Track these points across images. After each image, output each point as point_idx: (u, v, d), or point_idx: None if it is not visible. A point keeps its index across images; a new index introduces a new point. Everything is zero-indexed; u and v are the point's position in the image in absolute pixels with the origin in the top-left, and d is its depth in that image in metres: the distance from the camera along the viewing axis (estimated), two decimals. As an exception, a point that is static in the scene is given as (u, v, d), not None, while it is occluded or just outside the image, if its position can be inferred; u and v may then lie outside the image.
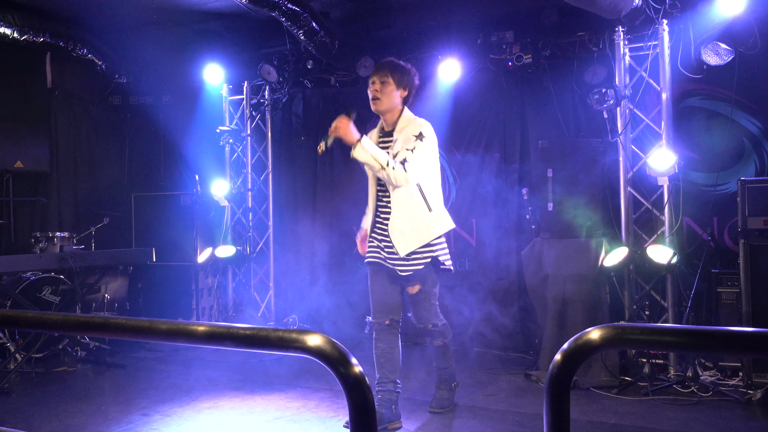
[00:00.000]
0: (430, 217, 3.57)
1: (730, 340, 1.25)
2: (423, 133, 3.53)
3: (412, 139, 3.51)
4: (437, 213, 3.62)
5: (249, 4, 5.21)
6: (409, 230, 3.54)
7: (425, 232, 3.56)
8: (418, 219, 3.55)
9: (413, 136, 3.52)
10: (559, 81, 5.53)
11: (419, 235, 3.55)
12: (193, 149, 7.09)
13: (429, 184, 3.61)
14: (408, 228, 3.54)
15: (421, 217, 3.55)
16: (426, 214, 3.57)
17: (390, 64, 3.64)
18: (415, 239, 3.54)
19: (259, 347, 1.49)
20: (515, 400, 4.27)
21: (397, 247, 3.55)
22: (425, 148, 3.53)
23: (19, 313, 2.08)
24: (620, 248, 4.79)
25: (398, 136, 3.58)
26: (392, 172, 3.41)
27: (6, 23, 5.69)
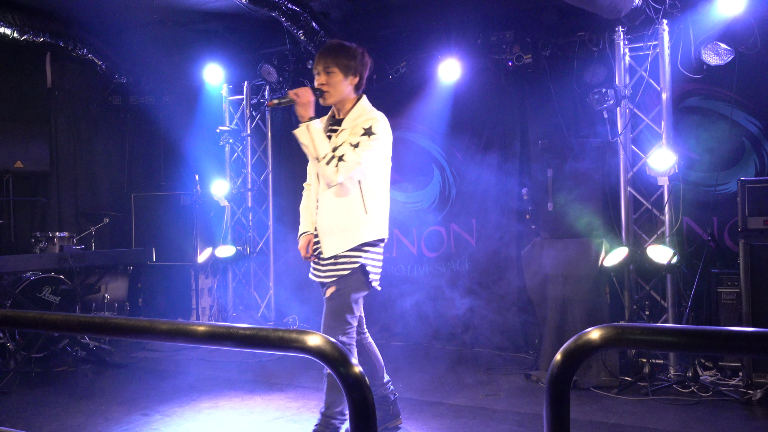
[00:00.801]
0: (363, 220, 3.16)
1: (730, 340, 1.25)
2: (373, 128, 3.12)
3: (359, 133, 3.11)
4: (373, 217, 3.19)
5: (249, 4, 5.22)
6: (338, 230, 3.16)
7: (355, 234, 3.15)
8: (349, 218, 3.15)
9: (362, 129, 3.12)
10: (559, 81, 5.53)
11: (348, 236, 3.15)
12: (193, 149, 7.09)
13: (372, 185, 3.21)
14: (337, 227, 3.15)
15: (353, 217, 3.15)
16: (360, 216, 3.16)
17: (332, 50, 3.21)
18: (343, 240, 3.15)
19: (259, 347, 1.49)
20: (515, 400, 4.27)
21: (324, 248, 3.19)
22: (372, 145, 3.12)
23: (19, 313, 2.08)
24: (620, 248, 4.79)
25: (347, 125, 3.20)
26: (324, 168, 3.07)
27: (6, 23, 5.69)
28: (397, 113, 6.39)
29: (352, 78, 3.21)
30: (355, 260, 3.16)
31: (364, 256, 3.18)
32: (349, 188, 3.17)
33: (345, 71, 3.18)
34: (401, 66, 6.06)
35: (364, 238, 3.17)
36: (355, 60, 3.21)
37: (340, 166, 3.05)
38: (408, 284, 6.25)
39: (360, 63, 3.23)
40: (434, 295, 6.13)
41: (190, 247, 6.42)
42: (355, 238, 3.15)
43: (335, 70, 3.17)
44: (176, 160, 7.44)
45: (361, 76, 3.25)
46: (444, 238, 6.18)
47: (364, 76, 3.28)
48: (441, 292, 6.12)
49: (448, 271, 6.14)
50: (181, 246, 6.64)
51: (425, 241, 6.28)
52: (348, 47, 3.23)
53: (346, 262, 3.16)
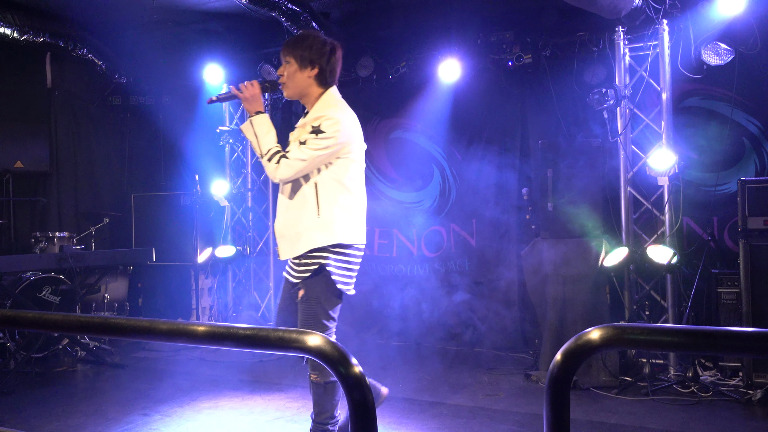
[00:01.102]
0: (315, 224, 2.95)
1: (730, 340, 1.25)
2: (322, 127, 2.89)
3: (308, 131, 2.92)
4: (327, 221, 2.95)
5: (249, 4, 5.22)
6: (292, 234, 2.99)
7: (306, 239, 2.95)
8: (300, 222, 2.97)
9: (311, 127, 2.92)
10: (559, 81, 5.53)
11: (299, 240, 2.96)
12: (193, 149, 7.08)
13: (329, 187, 2.98)
14: (293, 231, 2.99)
15: (304, 221, 2.96)
16: (311, 219, 2.95)
17: (290, 40, 3.05)
18: (297, 243, 2.97)
19: (259, 347, 1.49)
20: (515, 400, 4.27)
21: (280, 250, 3.07)
22: (321, 144, 2.89)
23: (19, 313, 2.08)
24: (620, 248, 4.79)
25: (304, 121, 3.04)
26: (265, 164, 2.93)
27: (6, 23, 5.69)
28: (397, 113, 6.40)
29: (309, 70, 3.01)
30: (315, 261, 2.96)
31: (323, 259, 2.96)
32: (305, 191, 2.99)
33: (301, 62, 3.00)
34: (401, 66, 6.06)
35: (316, 243, 2.94)
36: (311, 50, 2.99)
37: (282, 162, 2.89)
38: (408, 284, 6.25)
39: (318, 53, 3.01)
40: (434, 295, 6.13)
41: (190, 247, 6.41)
42: (308, 242, 2.96)
43: (291, 61, 3.01)
44: (176, 160, 7.44)
45: (321, 67, 3.02)
46: (444, 238, 6.18)
47: (327, 68, 3.04)
48: (441, 292, 6.12)
49: (448, 272, 6.14)
50: (181, 246, 6.64)
51: (425, 241, 6.28)
52: (306, 37, 3.06)
53: (307, 263, 2.98)
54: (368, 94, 6.48)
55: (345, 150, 2.99)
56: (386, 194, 6.50)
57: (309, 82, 3.02)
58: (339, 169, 2.99)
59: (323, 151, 2.91)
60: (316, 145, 2.89)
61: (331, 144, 2.92)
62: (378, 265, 6.42)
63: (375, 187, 6.53)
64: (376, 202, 6.42)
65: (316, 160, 2.92)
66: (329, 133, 2.90)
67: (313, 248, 2.94)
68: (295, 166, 2.89)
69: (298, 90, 3.04)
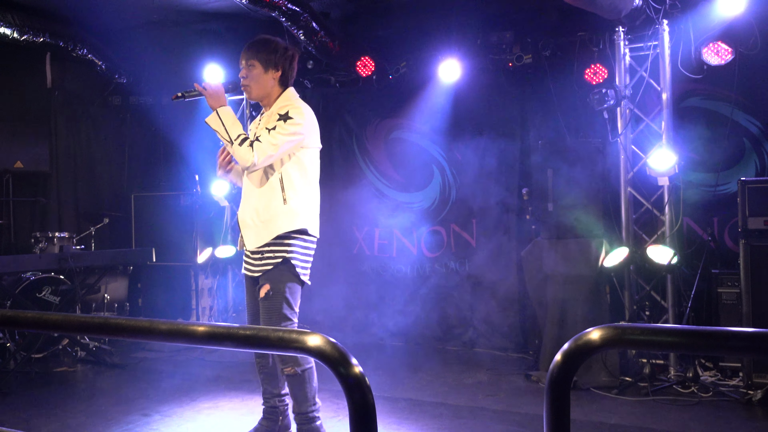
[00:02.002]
0: (281, 210, 3.09)
1: (730, 340, 1.25)
2: (290, 113, 3.05)
3: (275, 118, 3.07)
4: (292, 208, 3.10)
5: (249, 4, 5.21)
6: (260, 221, 3.11)
7: (273, 225, 3.08)
8: (267, 210, 3.09)
9: (278, 115, 3.07)
10: (559, 81, 5.53)
11: (266, 227, 3.09)
12: (193, 149, 7.08)
13: (293, 176, 3.13)
14: (258, 218, 3.11)
15: (271, 208, 3.09)
16: (278, 206, 3.09)
17: (254, 45, 3.20)
18: (264, 232, 3.09)
19: (259, 347, 1.49)
20: (515, 400, 4.27)
21: (245, 240, 3.17)
22: (289, 129, 3.03)
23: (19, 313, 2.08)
24: (620, 248, 4.79)
25: (266, 113, 3.20)
26: (237, 149, 2.99)
27: (6, 23, 5.69)
28: (397, 113, 6.40)
29: (273, 72, 3.18)
30: (278, 254, 3.09)
31: (288, 249, 3.09)
32: (269, 180, 3.12)
33: (266, 65, 3.16)
34: (401, 66, 6.06)
35: (282, 228, 3.08)
36: (276, 54, 3.17)
37: (255, 146, 2.98)
38: (408, 284, 6.25)
39: (282, 57, 3.19)
40: (434, 296, 6.14)
41: (190, 247, 6.42)
42: (274, 229, 3.08)
43: (255, 64, 3.16)
44: (176, 160, 7.43)
45: (284, 69, 3.20)
46: (444, 238, 6.18)
47: (289, 71, 3.23)
48: (441, 293, 6.12)
49: (448, 272, 6.13)
50: (181, 246, 6.64)
51: (425, 241, 6.28)
52: (270, 41, 3.21)
53: (270, 256, 3.10)
54: (368, 94, 6.48)
55: (308, 140, 3.14)
56: (386, 194, 6.50)
57: (272, 83, 3.19)
58: (302, 160, 3.15)
59: (292, 137, 3.05)
60: (285, 130, 3.02)
61: (299, 131, 3.07)
62: (378, 265, 6.42)
63: (375, 187, 6.52)
64: (376, 202, 6.42)
65: (285, 146, 3.04)
66: (297, 120, 3.06)
67: (279, 234, 3.06)
68: (267, 151, 2.99)
69: (263, 91, 3.19)
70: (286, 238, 3.10)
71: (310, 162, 3.19)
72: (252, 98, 3.26)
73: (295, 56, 3.27)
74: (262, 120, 3.20)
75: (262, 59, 3.16)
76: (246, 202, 3.20)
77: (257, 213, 3.12)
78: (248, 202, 3.19)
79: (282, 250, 3.08)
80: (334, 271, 6.54)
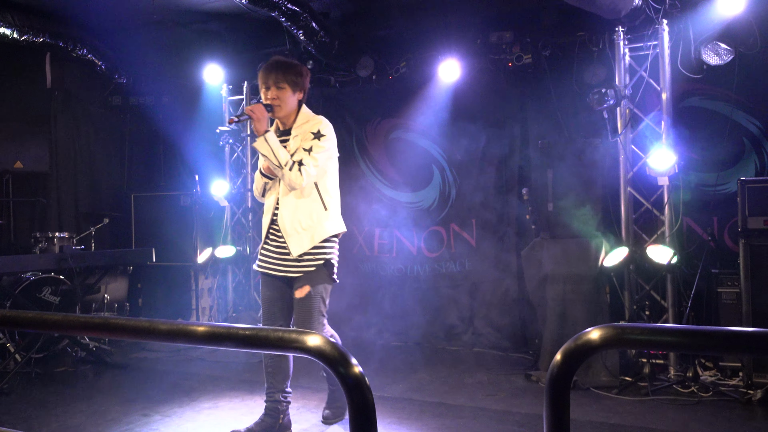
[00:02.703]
0: (324, 216, 3.41)
1: (730, 340, 1.25)
2: (321, 131, 3.39)
3: (310, 138, 3.37)
4: (332, 213, 3.46)
5: (249, 4, 5.21)
6: (302, 228, 3.36)
7: (319, 230, 3.38)
8: (311, 217, 3.38)
9: (311, 133, 3.38)
10: (559, 81, 5.53)
11: (313, 233, 3.37)
12: (192, 149, 7.09)
13: (327, 183, 3.46)
14: (301, 226, 3.36)
15: (315, 215, 3.38)
16: (321, 212, 3.40)
17: (280, 67, 3.42)
18: (308, 238, 3.36)
19: (259, 347, 1.49)
20: (515, 400, 4.27)
21: (291, 247, 3.36)
22: (324, 146, 3.37)
23: (19, 314, 2.08)
24: (620, 248, 4.79)
25: (297, 132, 3.43)
26: (288, 173, 3.28)
27: (6, 23, 5.69)
28: (397, 113, 6.40)
29: (299, 93, 3.46)
30: (319, 256, 3.38)
31: (328, 251, 3.42)
32: (309, 190, 3.40)
33: (293, 87, 3.41)
34: (401, 66, 6.06)
35: (327, 233, 3.40)
36: (302, 77, 3.46)
37: (302, 170, 3.28)
38: (408, 284, 6.25)
39: (305, 80, 3.50)
40: (434, 296, 6.13)
41: (190, 248, 6.41)
42: (318, 234, 3.38)
43: (285, 86, 3.39)
44: (176, 160, 7.44)
45: (304, 92, 3.50)
46: (444, 238, 6.18)
47: (306, 90, 3.53)
48: (441, 293, 6.12)
49: (448, 272, 6.13)
50: (181, 246, 6.64)
51: (425, 241, 6.28)
52: (296, 65, 3.49)
53: (311, 258, 3.37)
54: (368, 94, 6.48)
55: (334, 150, 3.50)
56: (386, 194, 6.50)
57: (296, 103, 3.48)
58: (330, 167, 3.48)
59: (327, 152, 3.39)
60: (321, 147, 3.36)
61: (330, 145, 3.42)
62: (378, 265, 6.42)
63: (375, 187, 6.53)
64: (376, 202, 6.42)
65: (323, 162, 3.38)
66: (328, 135, 3.40)
67: (325, 238, 3.39)
68: (312, 172, 3.32)
69: (289, 111, 3.46)
70: (326, 241, 3.42)
71: (334, 168, 3.53)
72: (278, 117, 3.48)
73: (309, 78, 3.58)
74: (293, 139, 3.41)
75: (290, 81, 3.39)
76: (285, 210, 3.39)
77: (300, 221, 3.37)
78: (287, 210, 3.38)
79: (322, 253, 3.39)
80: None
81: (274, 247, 3.45)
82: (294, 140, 3.40)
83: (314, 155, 3.32)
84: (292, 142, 3.40)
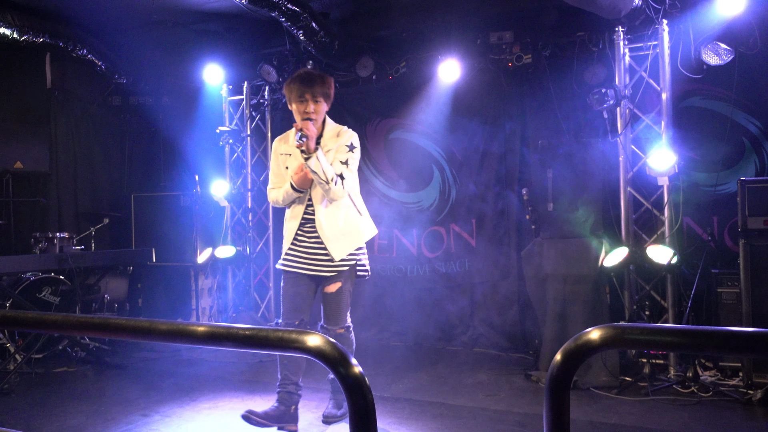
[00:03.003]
0: (361, 221, 3.68)
1: (730, 340, 1.25)
2: (354, 143, 3.62)
3: (345, 150, 3.58)
4: (366, 217, 3.74)
5: (249, 4, 5.21)
6: (343, 234, 3.59)
7: (358, 235, 3.65)
8: (350, 223, 3.63)
9: (345, 146, 3.59)
10: (558, 81, 5.53)
11: (353, 238, 3.63)
12: (193, 149, 7.09)
13: (354, 189, 3.71)
14: (341, 232, 3.59)
15: (352, 221, 3.64)
16: (357, 217, 3.67)
17: (320, 82, 3.56)
18: (348, 243, 3.60)
19: (259, 348, 1.49)
20: (515, 400, 4.27)
21: (333, 253, 3.55)
22: (356, 158, 3.63)
23: (19, 314, 2.08)
24: (620, 248, 4.79)
25: (329, 144, 3.59)
26: (334, 188, 3.47)
27: (6, 23, 5.69)
28: (397, 113, 6.40)
29: (328, 105, 3.66)
30: (352, 257, 3.64)
31: (359, 253, 3.68)
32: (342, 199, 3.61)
33: (326, 100, 3.61)
34: (401, 66, 6.06)
35: (366, 236, 3.69)
36: (332, 89, 3.65)
37: (345, 184, 3.53)
38: (408, 284, 6.25)
39: (334, 91, 3.69)
40: (434, 296, 6.13)
41: (190, 248, 6.41)
42: (359, 238, 3.65)
43: (321, 100, 3.57)
44: (176, 160, 7.44)
45: (330, 103, 3.69)
46: (444, 238, 6.18)
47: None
48: (441, 293, 6.12)
49: (448, 272, 6.13)
50: (181, 246, 6.64)
51: (425, 241, 6.28)
52: (329, 78, 3.67)
53: (345, 258, 3.61)
54: (368, 94, 6.48)
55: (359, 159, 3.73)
56: (386, 194, 6.50)
57: (325, 113, 3.69)
58: (355, 173, 3.71)
59: (357, 163, 3.66)
60: (355, 158, 3.63)
61: (359, 156, 3.68)
62: (378, 265, 6.41)
63: (375, 187, 6.52)
64: (376, 202, 6.41)
65: (355, 172, 3.67)
66: (357, 146, 3.66)
67: (366, 240, 3.68)
68: (351, 185, 3.61)
69: (321, 121, 3.67)
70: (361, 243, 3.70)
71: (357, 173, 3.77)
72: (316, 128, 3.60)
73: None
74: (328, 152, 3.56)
75: (326, 95, 3.60)
76: (323, 217, 3.57)
77: (339, 227, 3.59)
78: (325, 217, 3.57)
79: (354, 254, 3.65)
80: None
81: (304, 248, 3.62)
82: (330, 153, 3.57)
83: (351, 168, 3.58)
84: (328, 154, 3.56)
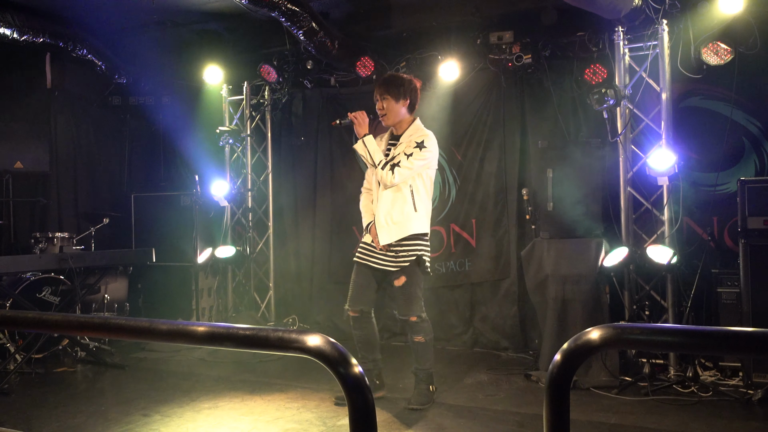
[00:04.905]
0: (414, 216, 3.92)
1: (730, 340, 1.25)
2: (425, 143, 3.91)
3: (413, 145, 3.90)
4: (422, 215, 3.96)
5: (249, 4, 5.21)
6: (392, 222, 3.91)
7: (407, 226, 3.91)
8: (402, 214, 3.91)
9: (415, 142, 3.91)
10: (558, 81, 5.52)
11: (401, 228, 3.90)
12: (193, 149, 7.08)
13: (420, 188, 3.95)
14: (391, 220, 3.91)
15: (405, 213, 3.91)
16: (411, 213, 3.92)
17: (385, 82, 4.02)
18: (396, 231, 3.90)
19: (259, 347, 1.49)
20: (515, 400, 4.27)
21: (380, 237, 3.93)
22: (423, 156, 3.88)
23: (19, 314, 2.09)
24: (620, 248, 4.79)
25: (404, 140, 3.97)
26: (380, 172, 3.87)
27: (6, 24, 5.68)
28: (397, 113, 6.38)
29: (403, 101, 3.99)
30: (412, 253, 3.92)
31: (420, 248, 3.94)
32: (404, 192, 3.92)
33: (396, 97, 3.97)
34: (401, 66, 6.05)
35: (413, 230, 3.91)
36: (404, 86, 3.98)
37: (396, 170, 3.84)
38: (408, 284, 6.24)
39: (408, 88, 4.00)
40: (434, 296, 6.13)
41: (190, 248, 6.41)
42: (406, 229, 3.90)
43: (388, 97, 3.98)
44: (176, 160, 7.44)
45: (411, 99, 4.02)
46: (444, 238, 6.18)
47: (416, 99, 4.06)
48: (441, 293, 6.11)
49: (447, 272, 6.13)
50: (181, 246, 6.63)
51: (425, 241, 6.26)
52: (397, 77, 4.05)
53: (406, 254, 3.92)
54: (368, 94, 6.44)
55: (433, 162, 3.99)
56: (386, 194, 6.49)
57: (404, 110, 4.03)
58: (426, 177, 3.98)
59: (424, 161, 3.91)
60: (420, 156, 3.89)
61: (430, 156, 3.94)
62: (378, 265, 6.40)
63: (375, 187, 6.51)
64: (376, 202, 6.40)
65: (417, 168, 3.90)
66: (430, 147, 3.93)
67: (409, 234, 3.90)
68: (404, 174, 3.87)
69: (397, 118, 4.03)
70: (419, 240, 3.95)
71: (430, 178, 4.02)
72: (387, 124, 4.09)
73: (419, 85, 4.11)
74: (399, 145, 3.97)
75: (392, 93, 3.97)
76: (382, 207, 3.95)
77: (391, 216, 3.92)
78: (384, 207, 3.94)
79: (415, 250, 3.93)
80: (335, 271, 6.54)
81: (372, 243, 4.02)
82: (400, 146, 3.96)
83: (412, 160, 3.85)
84: (399, 147, 3.96)
